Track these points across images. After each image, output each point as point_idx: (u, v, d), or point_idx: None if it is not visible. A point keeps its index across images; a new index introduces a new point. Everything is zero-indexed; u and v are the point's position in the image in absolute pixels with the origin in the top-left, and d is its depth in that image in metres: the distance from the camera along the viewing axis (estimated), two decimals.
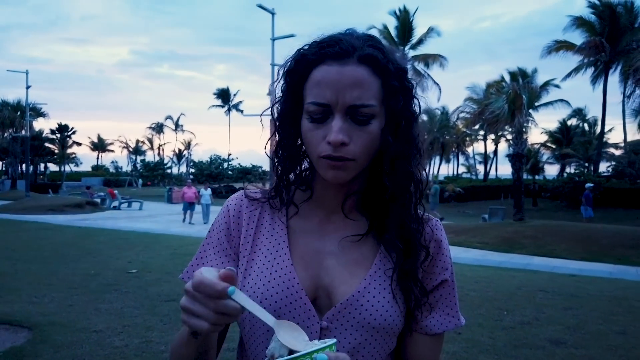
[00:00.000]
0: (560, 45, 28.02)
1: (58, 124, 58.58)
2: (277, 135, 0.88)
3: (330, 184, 0.86)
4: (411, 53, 35.37)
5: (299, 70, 0.82)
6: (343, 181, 0.82)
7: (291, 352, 0.66)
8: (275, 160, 0.90)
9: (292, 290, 0.82)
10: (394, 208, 0.85)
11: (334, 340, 0.68)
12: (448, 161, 57.48)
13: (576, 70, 29.94)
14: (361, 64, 0.78)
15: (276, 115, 0.88)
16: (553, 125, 48.18)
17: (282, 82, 0.86)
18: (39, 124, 52.36)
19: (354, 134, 0.78)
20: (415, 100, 0.86)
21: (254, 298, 0.82)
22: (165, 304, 5.62)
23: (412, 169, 0.85)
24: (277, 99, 0.88)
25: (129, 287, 6.52)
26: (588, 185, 19.01)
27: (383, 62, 0.79)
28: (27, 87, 31.01)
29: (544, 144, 40.86)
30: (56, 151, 56.62)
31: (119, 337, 4.44)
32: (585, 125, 46.08)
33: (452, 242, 12.73)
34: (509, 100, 15.45)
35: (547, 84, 31.93)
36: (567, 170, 38.84)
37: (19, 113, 43.35)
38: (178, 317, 4.58)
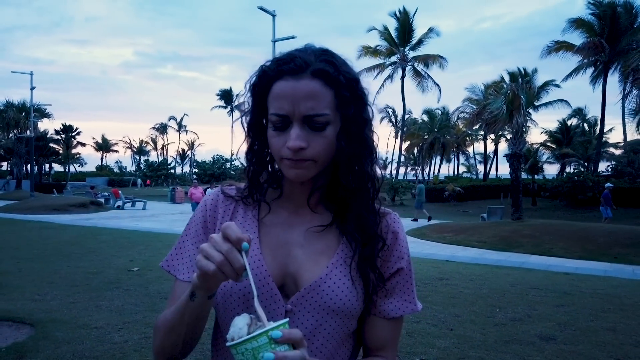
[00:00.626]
0: (560, 46, 28.05)
1: (62, 125, 58.96)
2: (247, 142, 0.99)
3: (296, 184, 0.96)
4: (411, 54, 35.46)
5: (262, 84, 0.91)
6: (305, 179, 0.92)
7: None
8: (247, 163, 1.01)
9: (260, 277, 0.92)
10: (352, 202, 0.96)
11: (286, 319, 0.76)
12: (449, 161, 57.52)
13: (576, 70, 29.94)
14: (314, 78, 0.87)
15: (245, 124, 0.99)
16: (553, 125, 48.14)
17: (248, 94, 0.96)
18: (43, 125, 52.65)
19: (311, 139, 0.88)
20: (368, 107, 0.96)
21: (227, 284, 0.92)
22: (165, 301, 5.72)
23: (365, 169, 0.95)
24: (245, 110, 0.98)
25: (130, 285, 6.65)
26: (608, 185, 18.88)
27: (334, 74, 0.89)
28: (32, 88, 31.23)
29: (543, 144, 40.89)
30: (61, 151, 56.89)
31: (118, 334, 4.56)
32: (585, 125, 46.06)
33: (451, 241, 12.85)
34: (507, 100, 15.51)
35: (546, 84, 32.00)
36: (567, 169, 38.85)
37: (23, 114, 43.58)
38: None
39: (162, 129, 76.03)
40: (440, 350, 4.30)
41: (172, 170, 61.01)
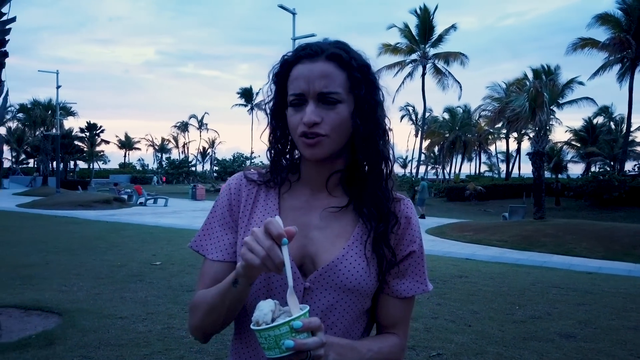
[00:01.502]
0: (585, 43, 27.47)
1: (87, 123, 60.17)
2: (270, 127, 1.06)
3: (313, 167, 1.03)
4: (432, 51, 35.20)
5: (282, 71, 1.01)
6: (320, 156, 0.97)
7: (273, 320, 0.80)
8: (269, 146, 1.07)
9: None
10: (368, 181, 1.02)
11: (307, 308, 0.82)
12: (470, 160, 56.82)
13: (602, 67, 29.29)
14: (328, 60, 0.96)
15: (268, 110, 1.06)
16: (578, 124, 47.23)
17: (271, 82, 1.04)
18: (68, 123, 53.95)
19: (324, 115, 0.95)
20: (379, 91, 1.03)
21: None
22: (186, 293, 5.87)
23: (379, 148, 1.01)
24: (268, 97, 1.06)
25: (153, 277, 6.81)
26: None
27: (346, 58, 0.97)
28: (58, 87, 31.99)
29: (568, 143, 40.13)
30: (85, 149, 58.11)
31: (142, 324, 4.69)
32: (612, 123, 45.03)
33: (471, 240, 12.76)
34: (530, 98, 15.30)
35: (571, 81, 31.40)
36: (592, 169, 38.07)
37: (49, 112, 44.70)
38: None
39: (184, 127, 76.98)
40: (458, 345, 4.32)
41: (193, 168, 61.79)
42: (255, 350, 1.02)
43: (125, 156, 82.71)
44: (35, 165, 55.21)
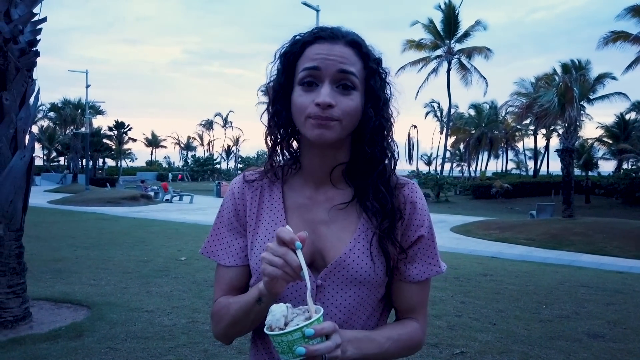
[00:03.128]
0: (618, 36, 26.57)
1: (115, 121, 61.30)
2: (273, 109, 1.01)
3: (316, 159, 1.00)
4: (457, 47, 34.72)
5: (293, 50, 0.97)
6: (327, 140, 0.93)
7: (286, 324, 0.80)
8: (270, 128, 1.02)
9: None
10: (373, 176, 1.00)
11: (321, 311, 0.82)
12: (497, 157, 55.78)
13: (636, 61, 28.33)
14: (348, 46, 0.95)
15: (272, 90, 1.01)
16: (610, 120, 45.82)
17: (277, 62, 1.00)
18: (97, 121, 55.19)
19: (339, 100, 0.92)
20: (389, 86, 1.02)
21: (259, 265, 0.94)
22: (210, 288, 5.95)
23: (387, 142, 1.00)
24: (272, 77, 1.01)
25: (178, 272, 6.92)
26: None
27: (365, 48, 0.97)
28: (87, 86, 32.78)
29: (599, 139, 38.98)
30: (113, 147, 59.31)
31: (168, 317, 4.77)
32: None
33: (497, 238, 12.55)
34: (559, 93, 14.95)
35: (602, 76, 30.48)
36: (625, 166, 36.94)
37: (79, 111, 45.86)
38: None
39: (209, 125, 77.80)
40: (482, 343, 4.26)
41: (218, 166, 62.42)
42: (270, 353, 1.03)
43: (151, 154, 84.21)
44: (66, 163, 56.68)
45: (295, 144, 1.06)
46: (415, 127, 50.22)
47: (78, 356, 3.74)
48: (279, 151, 1.05)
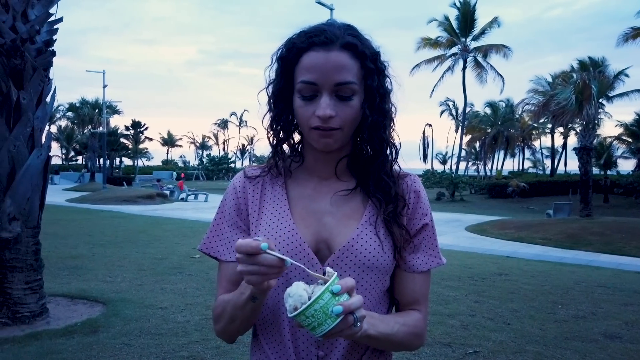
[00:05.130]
0: (638, 32, 26.14)
1: (132, 121, 61.94)
2: (273, 112, 1.03)
3: (320, 155, 1.02)
4: (473, 44, 34.41)
5: (289, 56, 0.97)
6: (333, 148, 0.98)
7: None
8: (271, 132, 1.04)
9: (296, 244, 0.98)
10: (374, 167, 1.02)
11: (335, 273, 0.81)
12: (513, 155, 55.08)
13: None
14: (343, 50, 0.94)
15: (270, 94, 1.02)
16: (629, 118, 44.88)
17: (275, 66, 1.00)
18: (114, 121, 55.95)
19: (339, 109, 0.94)
20: (388, 79, 1.02)
21: None
22: None
23: (385, 136, 1.01)
24: (271, 81, 1.02)
25: (192, 270, 6.97)
26: None
27: (361, 48, 0.95)
28: (104, 86, 33.24)
29: (618, 137, 38.27)
30: (130, 146, 59.98)
31: (181, 314, 4.82)
32: None
33: (512, 237, 12.42)
34: (577, 90, 14.72)
35: (621, 73, 29.94)
36: None
37: (97, 110, 46.56)
38: None
39: (224, 124, 78.30)
40: (496, 343, 4.21)
41: (233, 165, 62.76)
42: (273, 348, 1.02)
43: (167, 153, 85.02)
44: (84, 162, 57.46)
45: (297, 137, 1.07)
46: (430, 125, 49.91)
47: (93, 352, 3.80)
48: (280, 150, 1.06)
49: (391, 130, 1.03)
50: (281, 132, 1.05)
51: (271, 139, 1.05)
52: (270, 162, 1.07)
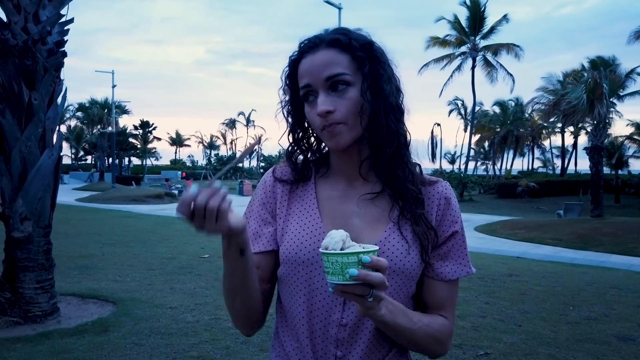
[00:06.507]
0: None
1: (140, 121, 62.31)
2: (289, 126, 1.07)
3: (341, 157, 1.03)
4: (482, 43, 34.19)
5: (290, 72, 1.02)
6: (343, 145, 0.97)
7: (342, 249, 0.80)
8: (291, 147, 1.07)
9: (321, 242, 0.97)
10: (385, 161, 1.00)
11: (376, 247, 0.81)
12: (522, 155, 54.71)
13: None
14: (329, 47, 0.96)
15: (285, 112, 1.07)
16: None
17: (284, 84, 1.05)
18: (123, 121, 56.31)
19: (337, 103, 0.95)
20: (386, 65, 1.00)
21: (293, 250, 0.99)
22: None
23: (389, 124, 0.98)
24: (283, 100, 1.07)
25: (201, 270, 6.99)
26: None
27: (346, 41, 0.96)
28: (113, 86, 33.43)
29: (629, 137, 37.89)
30: (139, 146, 60.31)
31: (191, 314, 4.82)
32: None
33: (522, 238, 12.33)
34: (588, 89, 14.58)
35: (632, 72, 29.64)
36: None
37: (106, 110, 46.84)
38: None
39: (231, 124, 78.44)
40: (507, 345, 4.18)
41: (240, 164, 62.89)
42: (297, 348, 1.01)
43: (175, 153, 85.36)
44: (93, 162, 57.87)
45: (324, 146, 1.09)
46: (438, 125, 49.68)
47: (104, 351, 3.81)
48: (305, 162, 1.08)
49: (398, 118, 1.00)
50: (302, 145, 1.08)
51: (291, 153, 1.08)
52: (296, 173, 1.08)
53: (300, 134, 1.07)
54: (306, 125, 1.06)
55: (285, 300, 1.03)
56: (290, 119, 1.06)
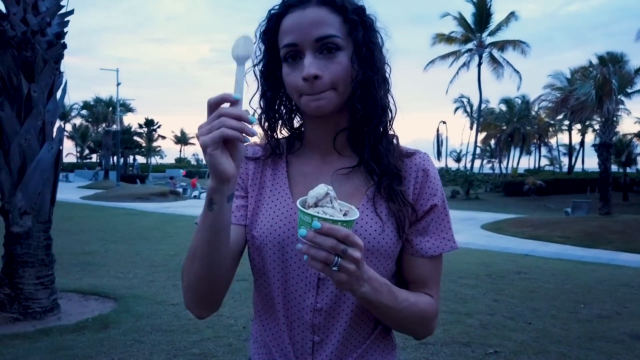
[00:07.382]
0: None
1: (145, 119, 62.42)
2: (260, 90, 0.96)
3: (318, 127, 0.95)
4: (489, 40, 33.97)
5: (270, 27, 0.92)
6: (326, 110, 0.88)
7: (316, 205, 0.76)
8: (261, 113, 0.97)
9: (294, 224, 0.91)
10: (367, 134, 0.93)
11: (355, 216, 0.76)
12: (529, 153, 54.45)
13: None
14: (320, 6, 0.87)
15: (258, 72, 0.96)
16: None
17: (259, 43, 0.95)
18: (128, 119, 56.61)
19: (326, 67, 0.86)
20: (377, 34, 0.92)
21: (263, 233, 0.92)
22: (235, 282, 5.84)
23: (378, 95, 0.90)
24: (257, 58, 0.96)
25: None
26: None
27: (339, 2, 0.88)
28: (118, 85, 33.53)
29: (637, 134, 37.59)
30: (143, 144, 60.46)
31: None
32: None
33: (530, 236, 12.19)
34: (597, 85, 14.40)
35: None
36: None
37: (110, 109, 46.97)
38: (248, 295, 4.80)
39: None
40: (517, 343, 4.07)
41: None
42: (272, 334, 0.96)
43: (180, 151, 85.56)
44: (98, 160, 58.05)
45: (296, 121, 1.01)
46: (444, 122, 49.54)
47: (104, 348, 3.73)
48: (278, 131, 0.99)
49: (386, 91, 0.94)
50: (273, 113, 0.98)
51: (262, 122, 0.98)
52: (268, 147, 1.00)
53: (273, 101, 0.97)
54: (281, 93, 0.97)
55: (260, 286, 0.97)
56: (264, 83, 0.96)
